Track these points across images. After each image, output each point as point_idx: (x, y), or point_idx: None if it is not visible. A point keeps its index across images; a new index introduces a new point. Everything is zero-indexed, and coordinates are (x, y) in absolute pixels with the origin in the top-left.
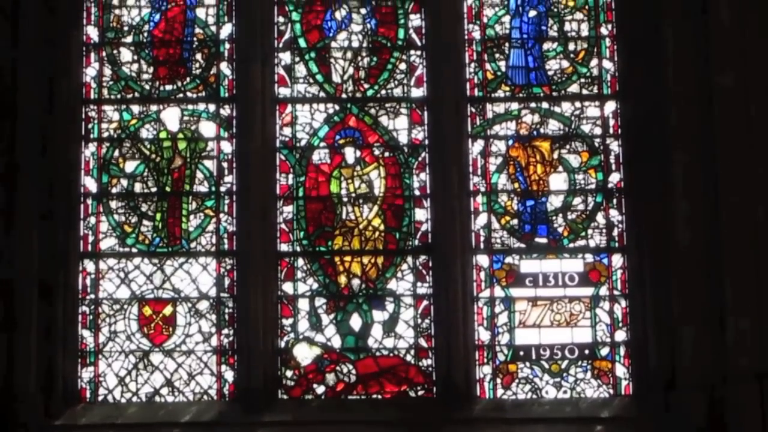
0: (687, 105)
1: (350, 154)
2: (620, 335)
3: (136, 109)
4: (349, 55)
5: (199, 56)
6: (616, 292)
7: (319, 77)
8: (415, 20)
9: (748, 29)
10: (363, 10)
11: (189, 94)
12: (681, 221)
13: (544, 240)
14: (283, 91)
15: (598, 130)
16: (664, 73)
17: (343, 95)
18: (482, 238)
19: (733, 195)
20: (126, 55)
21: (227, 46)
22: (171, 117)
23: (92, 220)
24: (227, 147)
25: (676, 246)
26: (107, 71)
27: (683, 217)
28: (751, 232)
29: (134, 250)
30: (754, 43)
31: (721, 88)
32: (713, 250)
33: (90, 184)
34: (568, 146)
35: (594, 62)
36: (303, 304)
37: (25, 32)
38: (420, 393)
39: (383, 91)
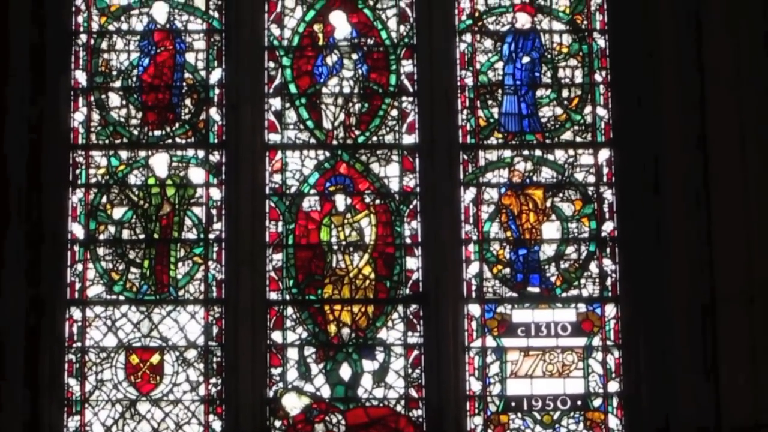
0: (682, 153)
1: (341, 201)
2: (613, 386)
3: (124, 154)
4: (340, 101)
5: (188, 101)
6: (609, 343)
7: (309, 123)
8: (407, 66)
9: (741, 73)
10: (354, 56)
11: (178, 139)
12: (675, 271)
13: (536, 289)
14: (273, 137)
15: (591, 178)
16: (659, 121)
17: (334, 142)
18: (474, 287)
19: (727, 246)
20: (114, 99)
21: (217, 91)
22: (160, 163)
23: (79, 267)
24: (216, 194)
25: (669, 296)
26: (95, 116)
27: (677, 267)
28: (746, 284)
29: (122, 297)
30: (750, 94)
31: (716, 135)
32: (707, 301)
33: (77, 230)
34: (561, 194)
35: (588, 109)
36: (292, 354)
37: (12, 76)
38: None
39: (374, 138)
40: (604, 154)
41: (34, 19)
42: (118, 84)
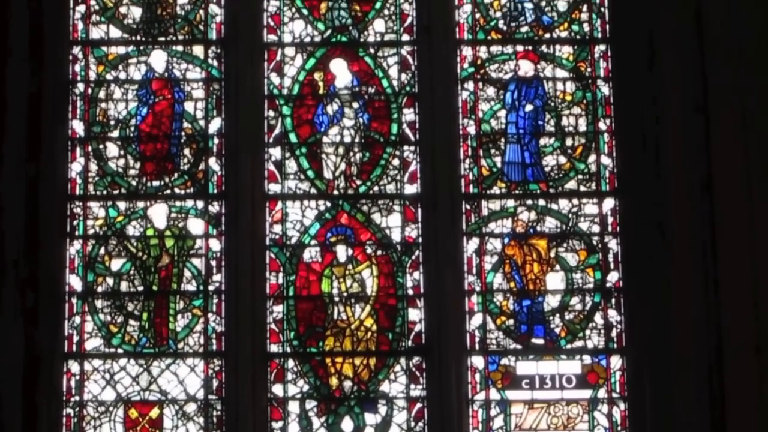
0: (687, 203)
1: (342, 252)
2: None
3: (122, 205)
4: (341, 150)
5: (187, 151)
6: (615, 395)
7: (310, 173)
8: (409, 115)
9: (747, 126)
10: (355, 105)
11: (177, 190)
12: (681, 322)
13: (540, 341)
14: (273, 188)
15: (596, 228)
16: (664, 170)
17: (335, 192)
18: (477, 339)
19: (734, 296)
20: (112, 150)
21: (216, 141)
22: (158, 214)
23: (77, 319)
24: (216, 245)
25: (676, 347)
26: (93, 166)
27: (683, 317)
28: (753, 334)
29: (120, 350)
30: (755, 139)
31: (721, 183)
32: (714, 352)
33: (75, 282)
34: (565, 244)
35: (592, 158)
36: (293, 407)
37: (8, 125)
38: None
39: (376, 188)
40: (609, 203)
41: (31, 69)
42: (116, 134)
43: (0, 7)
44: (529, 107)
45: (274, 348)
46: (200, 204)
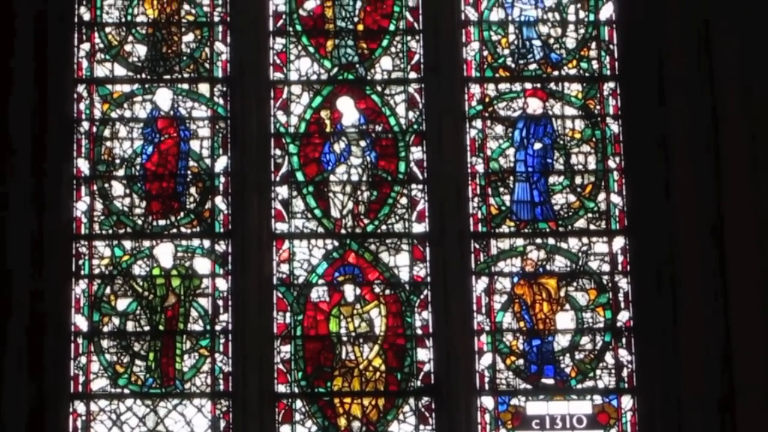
0: (698, 241)
1: (350, 291)
2: None
3: (128, 244)
4: (348, 189)
5: (193, 190)
6: None
7: (317, 212)
8: (417, 153)
9: (758, 166)
10: (363, 143)
11: (183, 229)
12: (692, 362)
13: (551, 381)
14: (281, 227)
15: (606, 267)
16: (675, 209)
17: (343, 231)
18: (487, 379)
19: (745, 336)
20: (118, 188)
21: (222, 179)
22: (164, 253)
23: (83, 359)
24: (223, 284)
25: (687, 387)
26: (98, 205)
27: (694, 357)
28: (765, 375)
29: (126, 391)
30: (765, 177)
31: (731, 223)
32: (726, 393)
33: (81, 322)
34: (575, 284)
35: (602, 196)
36: None
37: (13, 165)
38: None
39: (384, 227)
40: (619, 242)
41: (36, 107)
42: (121, 172)
43: (4, 45)
44: (537, 145)
45: (281, 388)
46: (207, 243)
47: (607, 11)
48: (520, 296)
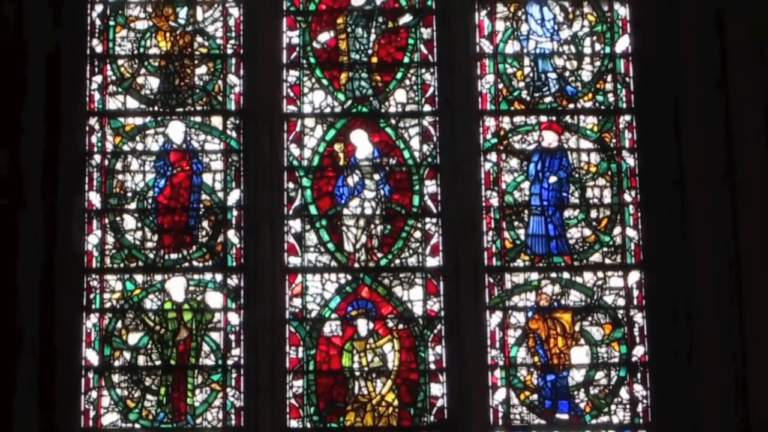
0: (714, 275)
1: (363, 326)
2: None
3: (139, 278)
4: (361, 222)
5: (205, 224)
6: None
7: (330, 246)
8: (431, 186)
9: None
10: (376, 176)
11: (195, 263)
12: (708, 396)
13: (565, 416)
14: (293, 261)
15: (621, 302)
16: (690, 243)
17: (356, 265)
18: (501, 414)
19: (761, 370)
20: (129, 222)
21: (235, 213)
22: (176, 287)
23: (93, 394)
24: (235, 319)
25: (703, 422)
26: (110, 239)
27: (710, 392)
28: None
29: (137, 426)
30: None
31: (748, 257)
32: (743, 427)
33: (91, 356)
34: (590, 318)
35: (617, 230)
36: None
37: (25, 197)
38: None
39: (397, 261)
40: (634, 276)
41: (47, 140)
42: (133, 206)
43: (16, 76)
44: (553, 179)
45: (294, 423)
46: (219, 277)
47: (623, 44)
48: (534, 331)
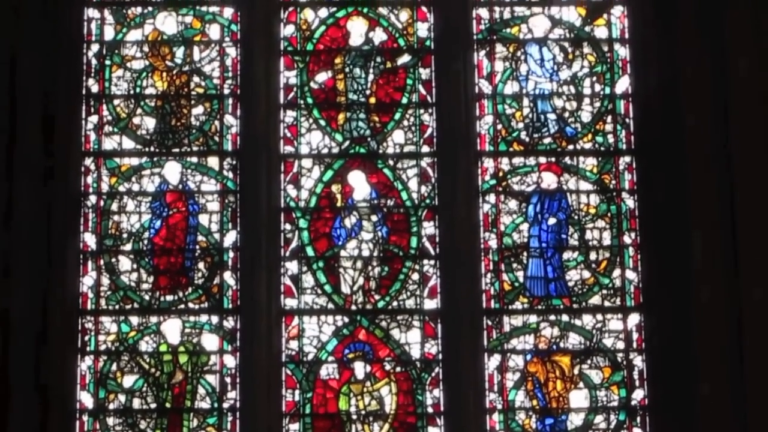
0: (715, 319)
1: (360, 369)
2: None
3: (135, 320)
4: (359, 264)
5: (201, 265)
6: None
7: (327, 288)
8: (429, 228)
9: None
10: (374, 218)
11: (191, 305)
12: None
13: None
14: (290, 303)
15: (621, 345)
16: (691, 285)
17: (353, 307)
18: None
19: (762, 415)
20: (125, 263)
21: (231, 254)
22: (172, 329)
23: None
24: (231, 361)
25: None
26: (105, 280)
27: None
28: None
29: None
30: None
31: (750, 302)
32: None
33: (86, 399)
34: (589, 361)
35: (617, 273)
36: None
37: (18, 237)
38: None
39: (395, 303)
40: (634, 319)
41: (43, 180)
42: (128, 247)
43: (12, 116)
44: (552, 220)
45: None
46: (215, 319)
47: (623, 84)
48: (533, 374)
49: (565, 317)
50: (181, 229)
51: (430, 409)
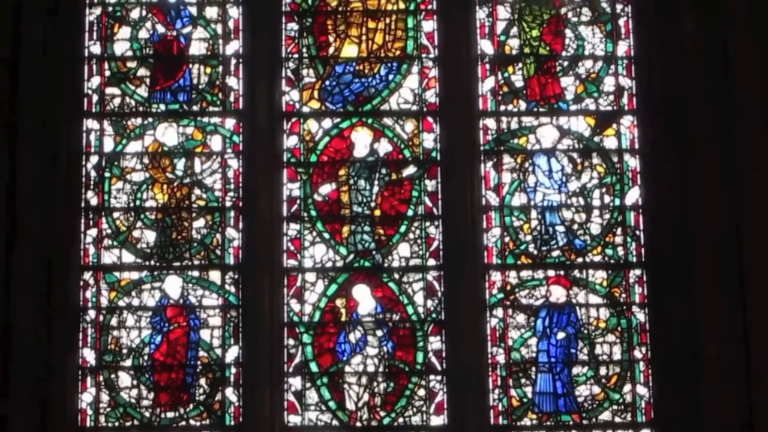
0: None
1: None
2: None
3: None
4: (364, 380)
5: (203, 381)
6: None
7: (331, 404)
8: (435, 343)
9: None
10: (379, 332)
11: (192, 422)
12: None
13: None
14: (294, 419)
15: None
16: (703, 401)
17: (358, 424)
18: None
19: None
20: (125, 379)
21: (233, 370)
22: None
23: None
24: None
25: None
26: (105, 397)
27: None
28: None
29: None
30: None
31: (762, 418)
32: None
33: None
34: None
35: (627, 388)
36: None
37: (17, 353)
38: None
39: (401, 420)
40: None
41: (41, 295)
42: (128, 363)
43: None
44: (561, 335)
45: None
46: None
47: (633, 196)
48: None
49: None
50: (182, 344)
51: None
